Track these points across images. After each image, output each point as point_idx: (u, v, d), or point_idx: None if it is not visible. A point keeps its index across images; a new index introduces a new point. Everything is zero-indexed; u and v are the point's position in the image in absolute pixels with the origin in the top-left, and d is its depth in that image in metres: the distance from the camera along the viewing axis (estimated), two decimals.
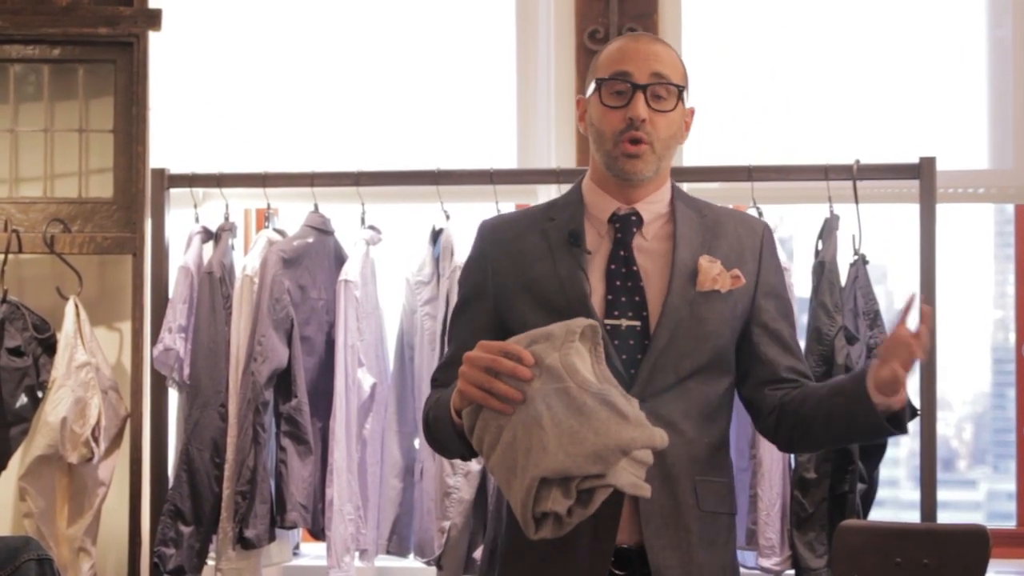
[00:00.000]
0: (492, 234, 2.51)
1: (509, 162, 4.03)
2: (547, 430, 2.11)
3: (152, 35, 3.92)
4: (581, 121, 2.48)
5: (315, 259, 3.82)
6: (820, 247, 3.65)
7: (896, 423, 2.33)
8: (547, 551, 2.35)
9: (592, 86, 2.43)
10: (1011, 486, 4.15)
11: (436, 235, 3.81)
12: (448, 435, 2.34)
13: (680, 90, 2.40)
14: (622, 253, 2.41)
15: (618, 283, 2.39)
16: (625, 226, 2.43)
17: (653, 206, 2.45)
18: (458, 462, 3.63)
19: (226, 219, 3.89)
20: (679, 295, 2.38)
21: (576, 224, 2.44)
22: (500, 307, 2.45)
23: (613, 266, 2.40)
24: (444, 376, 2.47)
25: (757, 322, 2.46)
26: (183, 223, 3.94)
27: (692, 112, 2.48)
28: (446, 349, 2.56)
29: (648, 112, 2.37)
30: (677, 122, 2.42)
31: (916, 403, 3.60)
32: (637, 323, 2.37)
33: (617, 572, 2.35)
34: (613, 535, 2.34)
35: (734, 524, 2.48)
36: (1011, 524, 4.11)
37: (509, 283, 2.44)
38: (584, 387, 2.14)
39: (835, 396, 2.38)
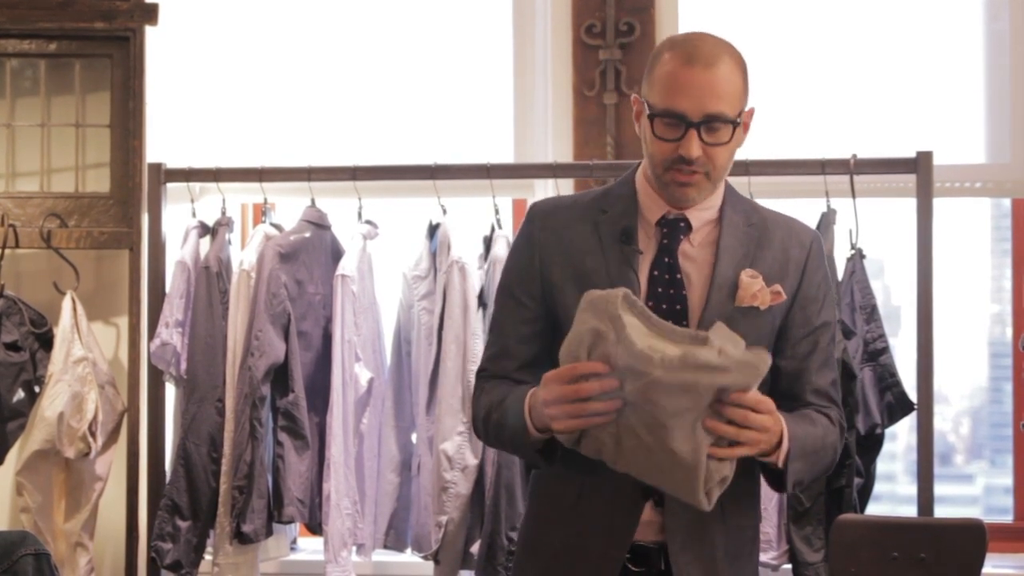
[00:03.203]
0: (542, 220, 2.45)
1: (506, 156, 4.03)
2: (669, 426, 2.11)
3: (149, 30, 3.92)
4: (637, 120, 2.39)
5: (312, 254, 3.82)
6: None
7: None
8: (561, 550, 2.37)
9: (645, 108, 2.34)
10: (1008, 480, 4.15)
11: (433, 230, 3.81)
12: (524, 450, 2.34)
13: (735, 124, 2.31)
14: (667, 259, 2.37)
15: (660, 289, 2.35)
16: (673, 232, 2.38)
17: (703, 212, 2.40)
18: (455, 456, 3.63)
19: (223, 214, 3.89)
20: (716, 310, 2.33)
21: (629, 220, 2.39)
22: (547, 295, 2.41)
23: (656, 272, 2.36)
24: (494, 367, 2.45)
25: (783, 335, 2.40)
26: (180, 218, 3.94)
27: (751, 112, 2.39)
28: (490, 334, 2.52)
29: (702, 148, 2.30)
30: (734, 147, 2.35)
31: (913, 398, 3.61)
32: None
33: (634, 569, 2.35)
34: (627, 538, 2.33)
35: (757, 536, 2.46)
36: (1008, 518, 4.11)
37: (557, 273, 2.40)
38: (669, 367, 2.10)
39: None
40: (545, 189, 3.94)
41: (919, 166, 3.61)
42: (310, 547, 4.08)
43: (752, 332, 2.31)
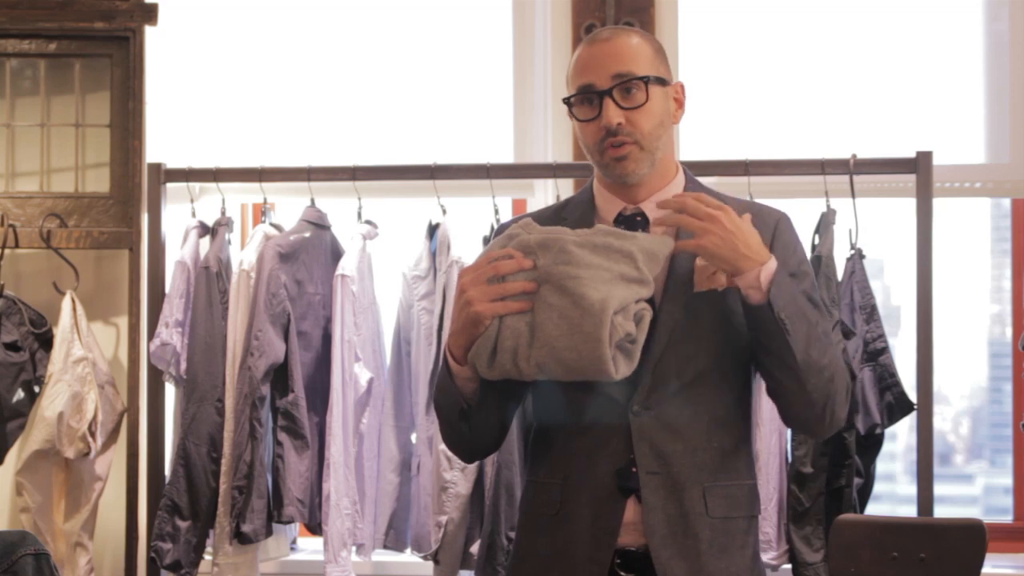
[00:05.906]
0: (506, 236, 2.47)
1: (506, 156, 4.03)
2: (584, 277, 2.19)
3: (148, 29, 3.92)
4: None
5: (312, 254, 3.82)
6: (817, 241, 3.65)
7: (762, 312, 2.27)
8: (548, 557, 2.37)
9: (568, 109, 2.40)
10: (1008, 480, 4.15)
11: (432, 230, 3.81)
12: (450, 393, 2.35)
13: (647, 80, 2.34)
14: None
15: None
16: (630, 228, 2.38)
17: None
18: (454, 456, 3.61)
19: (223, 214, 3.89)
20: (672, 299, 2.33)
21: (586, 224, 2.39)
22: None
23: None
24: None
25: None
26: (180, 218, 3.94)
27: (682, 87, 2.42)
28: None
29: (621, 114, 2.32)
30: (658, 111, 2.36)
31: (913, 398, 3.62)
32: None
33: (624, 574, 2.34)
34: (612, 541, 2.33)
35: (755, 526, 2.43)
36: (1007, 518, 4.11)
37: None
38: (581, 235, 2.24)
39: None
40: (545, 189, 3.94)
41: (919, 166, 3.61)
42: (310, 547, 4.09)
43: (711, 316, 2.33)
